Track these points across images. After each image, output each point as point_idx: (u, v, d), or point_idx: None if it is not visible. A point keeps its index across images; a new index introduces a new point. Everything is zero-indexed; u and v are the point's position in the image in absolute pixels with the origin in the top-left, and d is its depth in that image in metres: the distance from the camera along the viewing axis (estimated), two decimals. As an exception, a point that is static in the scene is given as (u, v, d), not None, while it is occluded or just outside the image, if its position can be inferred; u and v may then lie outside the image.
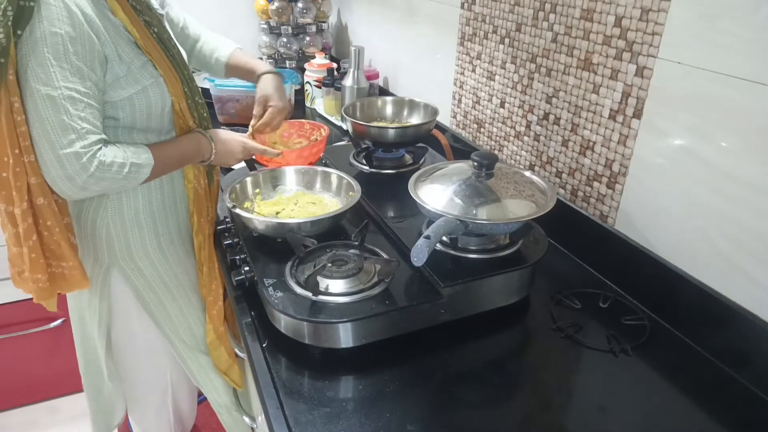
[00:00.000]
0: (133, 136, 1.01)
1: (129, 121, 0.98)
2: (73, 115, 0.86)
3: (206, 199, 1.15)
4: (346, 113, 1.39)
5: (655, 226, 1.01)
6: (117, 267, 1.10)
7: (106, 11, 0.91)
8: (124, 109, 0.96)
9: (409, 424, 0.77)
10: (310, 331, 0.87)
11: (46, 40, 0.83)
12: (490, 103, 1.44)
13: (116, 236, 1.07)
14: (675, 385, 0.85)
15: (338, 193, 1.20)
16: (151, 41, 0.98)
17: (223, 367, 1.24)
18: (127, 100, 0.96)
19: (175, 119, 1.04)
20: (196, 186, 1.11)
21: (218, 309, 1.19)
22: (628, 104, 1.02)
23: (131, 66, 0.95)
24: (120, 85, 0.94)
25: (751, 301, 0.85)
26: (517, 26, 1.28)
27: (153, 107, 1.00)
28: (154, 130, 1.03)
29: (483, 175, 0.99)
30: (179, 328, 1.20)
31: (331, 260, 0.95)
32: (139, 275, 1.12)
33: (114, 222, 1.06)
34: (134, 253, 1.09)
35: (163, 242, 1.12)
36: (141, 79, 0.96)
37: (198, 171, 1.11)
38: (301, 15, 2.20)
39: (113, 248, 1.08)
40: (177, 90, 1.02)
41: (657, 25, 0.93)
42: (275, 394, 0.81)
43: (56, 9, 0.83)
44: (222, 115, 1.94)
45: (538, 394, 0.84)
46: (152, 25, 0.99)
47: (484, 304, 0.97)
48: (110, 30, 0.92)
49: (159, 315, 1.17)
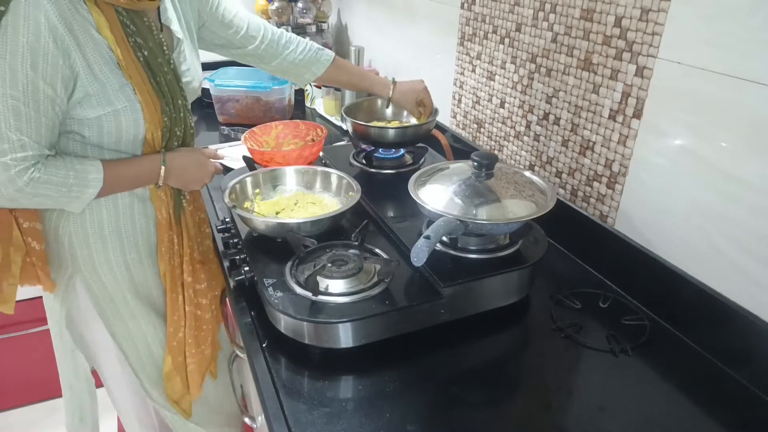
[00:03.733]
0: (104, 155, 0.98)
1: (96, 141, 0.95)
2: (12, 126, 0.83)
3: (168, 230, 1.08)
4: (346, 113, 1.39)
5: (655, 226, 1.01)
6: (80, 275, 1.07)
7: (90, 27, 0.88)
8: (90, 128, 0.93)
9: (409, 424, 0.77)
10: (310, 331, 0.87)
11: (7, 47, 0.80)
12: (490, 103, 1.44)
13: (78, 246, 1.04)
14: (675, 385, 0.85)
15: (338, 193, 1.20)
16: (135, 65, 0.93)
17: (176, 396, 1.20)
18: (94, 120, 0.92)
19: (145, 148, 1.00)
20: (158, 216, 1.07)
21: (178, 341, 1.14)
22: (628, 104, 1.02)
23: (106, 86, 0.91)
24: (90, 103, 0.90)
25: (751, 301, 0.85)
26: (517, 26, 1.29)
27: (124, 132, 0.95)
28: (125, 153, 1.00)
29: (483, 175, 0.99)
30: (138, 345, 1.15)
31: (331, 260, 0.95)
32: (99, 285, 1.08)
33: (76, 232, 1.02)
34: (97, 265, 1.06)
35: (129, 260, 1.08)
36: (114, 101, 0.92)
37: (160, 201, 1.06)
38: (301, 15, 2.20)
39: (76, 257, 1.05)
40: (154, 118, 0.97)
41: (657, 25, 0.93)
42: (275, 394, 0.81)
43: (23, 18, 0.80)
44: (222, 115, 1.94)
45: (538, 394, 0.84)
46: (142, 48, 0.94)
47: (484, 304, 0.97)
48: (88, 46, 0.88)
49: (117, 328, 1.13)
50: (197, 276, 1.14)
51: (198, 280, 1.14)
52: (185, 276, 1.11)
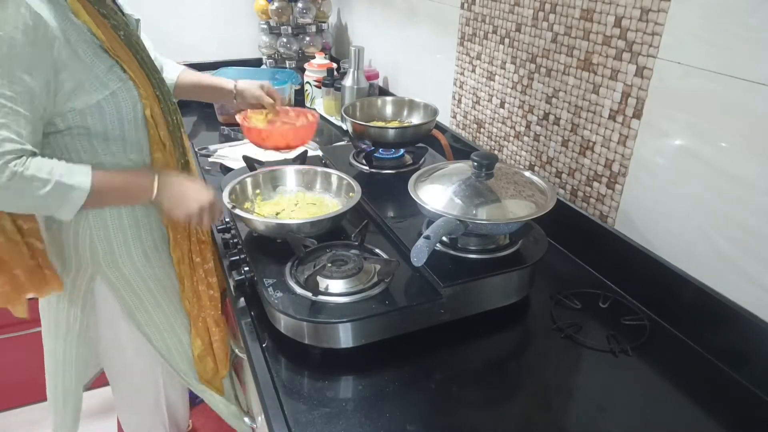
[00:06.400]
0: (111, 148, 0.98)
1: (100, 129, 0.94)
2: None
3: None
4: (346, 113, 1.39)
5: (655, 226, 1.01)
6: (101, 274, 1.08)
7: (68, 13, 0.88)
8: (93, 116, 0.93)
9: (409, 424, 0.77)
10: (310, 331, 0.87)
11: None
12: (490, 104, 1.44)
13: (99, 242, 1.04)
14: (675, 385, 0.85)
15: (338, 194, 1.20)
16: (119, 43, 0.94)
17: (208, 376, 1.23)
18: (95, 106, 0.92)
19: (149, 128, 1.00)
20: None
21: (203, 321, 1.17)
22: (628, 104, 1.02)
23: (95, 69, 0.91)
24: (84, 89, 0.90)
25: (750, 301, 0.85)
26: (516, 26, 1.29)
27: (124, 113, 0.96)
28: (131, 141, 0.99)
29: (483, 175, 0.99)
30: (165, 334, 1.18)
31: (331, 260, 0.95)
32: (123, 281, 1.09)
33: (97, 227, 1.03)
34: (118, 259, 1.07)
35: (147, 248, 1.09)
36: (108, 82, 0.92)
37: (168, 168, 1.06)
38: (301, 15, 2.20)
39: (97, 255, 1.05)
40: (148, 92, 0.98)
41: (657, 25, 0.93)
42: (275, 394, 0.81)
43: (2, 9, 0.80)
44: (222, 115, 1.94)
45: (538, 394, 0.84)
46: (119, 29, 0.95)
47: (484, 304, 0.97)
48: (71, 33, 0.87)
49: (143, 320, 1.15)
50: (204, 255, 1.16)
51: (205, 259, 1.16)
52: (194, 257, 1.14)
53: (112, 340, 1.19)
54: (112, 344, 1.20)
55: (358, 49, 1.74)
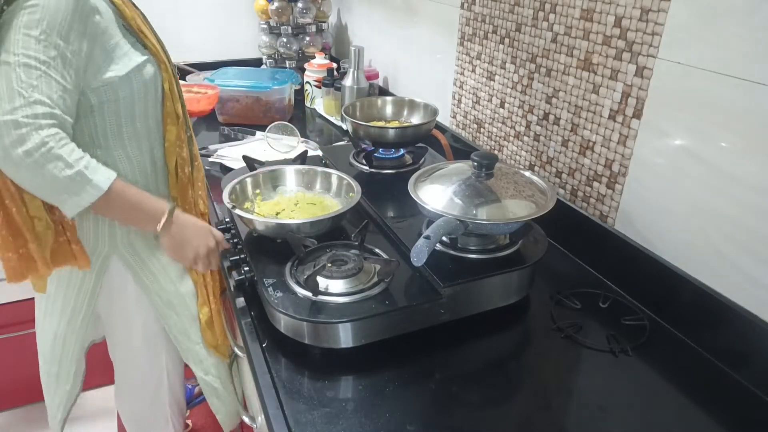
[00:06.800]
0: (136, 125, 1.02)
1: (128, 100, 0.99)
2: (24, 82, 0.82)
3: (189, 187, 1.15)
4: (346, 113, 1.39)
5: (655, 226, 1.01)
6: (117, 253, 1.10)
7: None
8: (123, 88, 0.97)
9: (409, 424, 0.77)
10: (310, 331, 0.87)
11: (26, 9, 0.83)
12: (490, 103, 1.44)
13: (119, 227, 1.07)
14: (675, 385, 0.85)
15: (338, 194, 1.20)
16: (142, 20, 1.02)
17: (215, 342, 1.25)
18: (124, 78, 0.97)
19: (165, 101, 1.06)
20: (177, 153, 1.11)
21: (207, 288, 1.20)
22: (627, 104, 1.02)
23: (122, 44, 0.97)
24: (113, 61, 0.95)
25: (750, 300, 0.85)
26: (516, 26, 1.29)
27: (150, 85, 1.02)
28: (153, 116, 1.05)
29: (483, 175, 0.99)
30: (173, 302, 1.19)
31: (331, 260, 0.95)
32: (136, 258, 1.12)
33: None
34: (134, 242, 1.10)
35: None
36: (133, 57, 0.99)
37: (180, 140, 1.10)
38: (301, 15, 2.20)
39: (115, 238, 1.08)
40: (168, 67, 1.05)
41: (657, 25, 0.93)
42: (275, 394, 0.81)
43: None
44: (222, 115, 1.94)
45: (538, 394, 0.84)
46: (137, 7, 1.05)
47: (484, 304, 0.97)
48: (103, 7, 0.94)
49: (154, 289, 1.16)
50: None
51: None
52: None
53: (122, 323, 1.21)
54: (122, 325, 1.21)
55: (358, 49, 1.74)
